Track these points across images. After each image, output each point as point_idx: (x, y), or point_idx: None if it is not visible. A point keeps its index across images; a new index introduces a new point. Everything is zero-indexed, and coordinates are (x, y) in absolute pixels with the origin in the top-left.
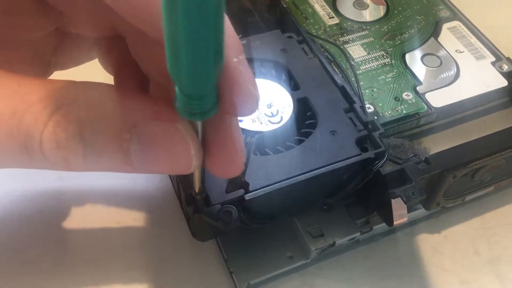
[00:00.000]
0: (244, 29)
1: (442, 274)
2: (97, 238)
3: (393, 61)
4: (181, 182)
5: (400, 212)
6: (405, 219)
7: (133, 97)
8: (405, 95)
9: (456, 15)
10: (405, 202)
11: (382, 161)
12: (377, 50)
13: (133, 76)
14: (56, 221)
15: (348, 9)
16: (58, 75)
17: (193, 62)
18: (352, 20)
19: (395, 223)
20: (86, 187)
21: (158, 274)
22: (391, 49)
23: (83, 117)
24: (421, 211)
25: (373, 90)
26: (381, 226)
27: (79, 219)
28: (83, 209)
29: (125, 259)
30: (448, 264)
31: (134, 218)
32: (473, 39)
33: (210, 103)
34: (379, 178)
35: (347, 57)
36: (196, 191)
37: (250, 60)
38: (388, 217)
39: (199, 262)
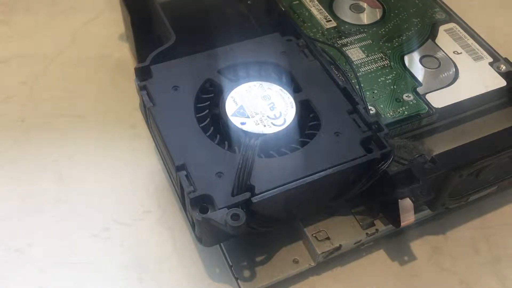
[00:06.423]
0: (241, 34)
1: (442, 274)
2: (97, 238)
3: (392, 63)
4: (184, 185)
5: (407, 212)
6: (412, 220)
7: None
8: (406, 96)
9: (451, 17)
10: (413, 202)
11: (389, 162)
12: (376, 52)
13: None
14: (55, 221)
15: (344, 13)
16: None
17: None
18: (349, 23)
19: (402, 224)
20: (86, 187)
21: (159, 272)
22: (390, 51)
23: None
24: (424, 213)
25: (373, 92)
26: (387, 228)
27: (79, 218)
28: (83, 208)
29: (125, 259)
30: (448, 264)
31: (134, 218)
32: (470, 41)
33: None
34: (385, 178)
35: (347, 59)
36: None
37: (250, 63)
38: (395, 219)
39: (201, 262)
